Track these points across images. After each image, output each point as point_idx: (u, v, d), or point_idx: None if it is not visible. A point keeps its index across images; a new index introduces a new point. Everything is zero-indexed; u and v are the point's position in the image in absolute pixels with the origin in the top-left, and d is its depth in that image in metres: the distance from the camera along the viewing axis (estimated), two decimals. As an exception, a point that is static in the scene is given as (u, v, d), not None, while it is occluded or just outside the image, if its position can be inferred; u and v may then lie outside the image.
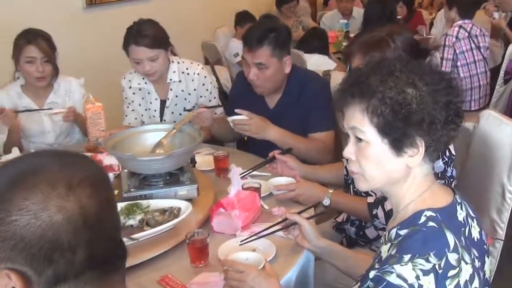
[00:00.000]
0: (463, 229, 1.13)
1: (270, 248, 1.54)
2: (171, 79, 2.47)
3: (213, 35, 4.83)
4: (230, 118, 2.16)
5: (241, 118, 2.14)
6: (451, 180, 1.69)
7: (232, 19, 4.70)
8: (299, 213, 1.62)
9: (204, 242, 1.49)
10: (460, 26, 3.63)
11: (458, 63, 3.63)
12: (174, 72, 2.47)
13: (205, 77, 2.54)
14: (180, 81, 2.48)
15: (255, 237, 1.55)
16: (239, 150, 2.56)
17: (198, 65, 2.56)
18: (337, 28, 4.45)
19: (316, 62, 3.67)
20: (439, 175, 1.63)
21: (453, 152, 1.67)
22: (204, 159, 2.18)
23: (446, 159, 1.65)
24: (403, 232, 1.11)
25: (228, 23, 4.86)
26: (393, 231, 1.14)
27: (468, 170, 2.00)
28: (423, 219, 1.09)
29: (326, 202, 1.81)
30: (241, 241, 1.54)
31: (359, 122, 1.12)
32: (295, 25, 4.87)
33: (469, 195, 1.96)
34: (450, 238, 1.06)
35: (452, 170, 1.69)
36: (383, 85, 1.09)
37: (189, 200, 1.75)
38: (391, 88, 1.08)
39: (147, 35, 2.31)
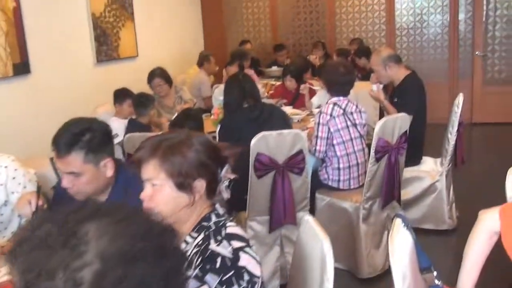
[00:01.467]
0: None
1: None
2: None
3: (92, 114, 4.58)
4: None
5: None
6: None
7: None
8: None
9: None
10: (335, 104, 3.53)
11: (334, 141, 3.50)
12: None
13: (16, 169, 2.28)
14: None
15: None
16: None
17: (8, 157, 2.30)
18: (217, 105, 4.30)
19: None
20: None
21: (256, 273, 1.44)
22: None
23: (245, 285, 1.40)
24: None
25: (111, 101, 4.64)
26: None
27: (289, 283, 1.79)
28: None
29: None
30: None
31: None
32: (177, 102, 4.70)
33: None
34: None
35: None
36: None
37: None
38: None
39: None
